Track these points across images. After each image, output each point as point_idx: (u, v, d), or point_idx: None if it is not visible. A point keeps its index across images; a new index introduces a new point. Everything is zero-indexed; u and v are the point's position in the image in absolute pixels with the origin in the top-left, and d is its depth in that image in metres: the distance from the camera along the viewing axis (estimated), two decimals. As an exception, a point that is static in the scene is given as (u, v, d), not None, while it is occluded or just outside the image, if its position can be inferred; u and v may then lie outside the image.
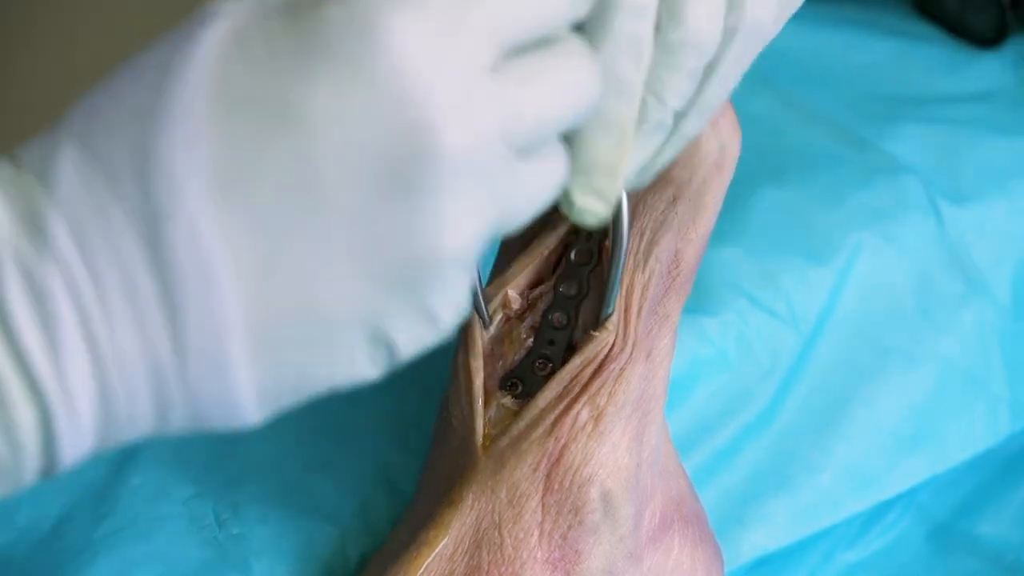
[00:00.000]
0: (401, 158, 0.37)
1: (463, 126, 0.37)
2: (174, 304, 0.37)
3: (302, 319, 0.38)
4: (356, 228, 0.37)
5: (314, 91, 0.36)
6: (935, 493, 0.75)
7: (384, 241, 0.38)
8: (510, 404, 0.58)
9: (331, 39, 0.37)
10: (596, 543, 0.56)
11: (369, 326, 0.39)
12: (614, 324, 0.56)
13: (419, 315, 0.39)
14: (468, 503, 0.56)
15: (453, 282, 0.39)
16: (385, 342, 0.39)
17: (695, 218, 0.58)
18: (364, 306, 0.38)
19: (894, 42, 0.88)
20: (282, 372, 0.39)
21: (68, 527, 0.64)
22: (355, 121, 0.37)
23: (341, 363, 0.39)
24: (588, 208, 0.46)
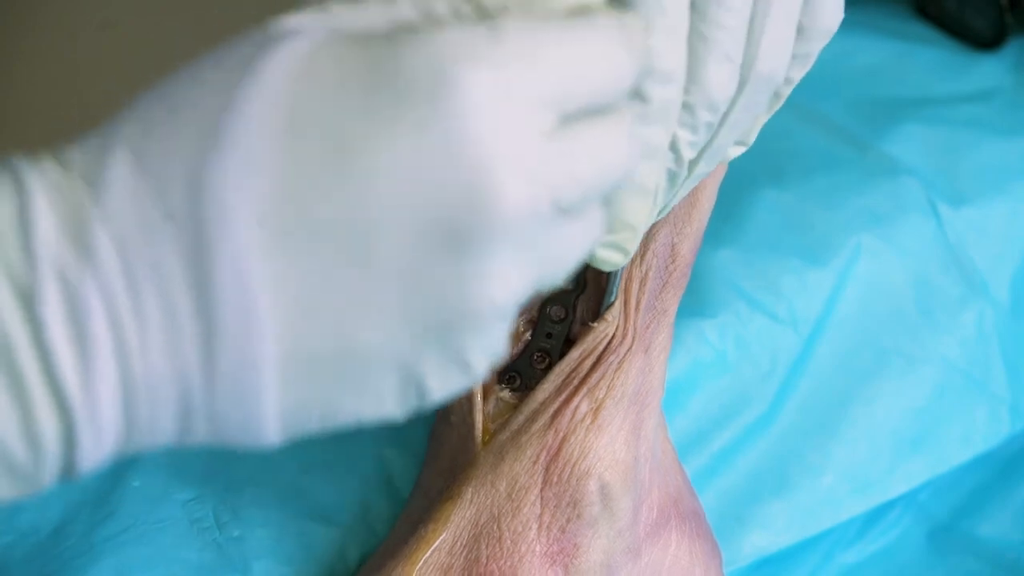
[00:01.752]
0: (458, 215, 0.37)
1: (521, 189, 0.37)
2: (210, 332, 0.37)
3: (337, 359, 0.38)
4: (403, 278, 0.37)
5: (381, 138, 0.36)
6: (935, 493, 0.75)
7: (430, 293, 0.38)
8: (508, 397, 0.58)
9: (405, 85, 0.36)
10: (595, 536, 0.57)
11: (403, 371, 0.39)
12: (614, 315, 0.57)
13: (455, 364, 0.39)
14: (467, 497, 0.57)
15: (492, 335, 0.39)
16: (417, 386, 0.39)
17: (690, 213, 0.58)
18: (401, 353, 0.38)
19: (893, 44, 0.88)
20: (309, 406, 0.39)
21: (69, 530, 0.64)
22: (418, 173, 0.36)
23: (370, 403, 0.39)
24: (608, 259, 0.48)
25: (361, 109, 0.36)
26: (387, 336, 0.38)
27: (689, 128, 0.48)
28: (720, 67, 0.47)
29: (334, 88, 0.37)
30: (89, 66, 0.49)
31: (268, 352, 0.37)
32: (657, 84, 0.45)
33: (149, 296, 0.37)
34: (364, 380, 0.39)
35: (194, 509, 0.65)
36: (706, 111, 0.47)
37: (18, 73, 0.84)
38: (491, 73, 0.36)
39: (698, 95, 0.47)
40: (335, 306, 0.37)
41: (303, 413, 0.39)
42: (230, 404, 0.38)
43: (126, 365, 0.37)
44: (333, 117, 0.36)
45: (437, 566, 0.56)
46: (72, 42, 0.85)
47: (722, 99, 0.48)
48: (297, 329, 0.37)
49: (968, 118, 0.83)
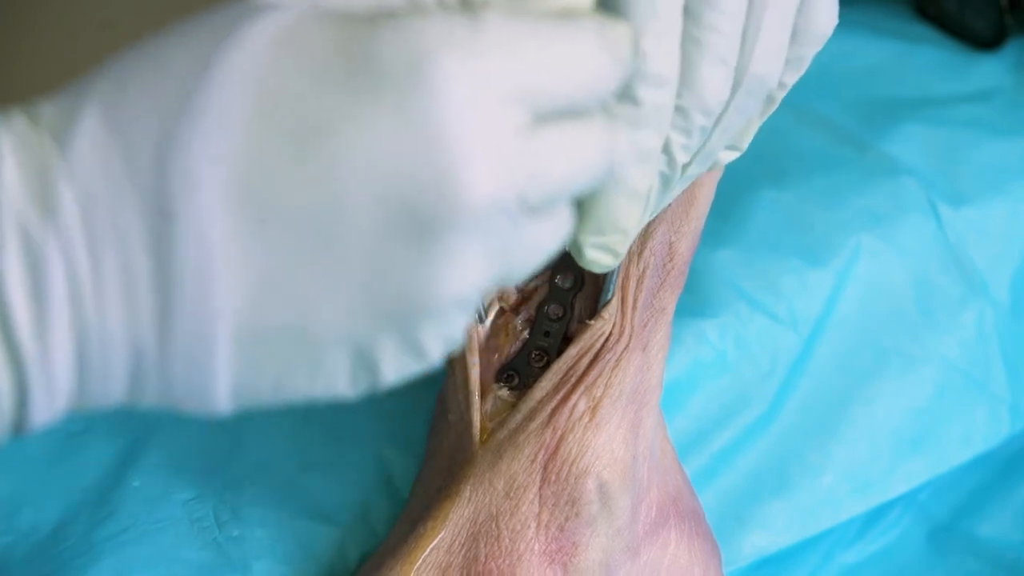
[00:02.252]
0: (425, 202, 0.37)
1: (489, 181, 0.37)
2: (168, 297, 0.37)
3: (292, 337, 0.38)
4: (364, 262, 0.37)
5: (354, 119, 0.36)
6: (935, 493, 0.75)
7: (389, 278, 0.38)
8: (507, 396, 0.58)
9: (381, 69, 0.36)
10: (593, 535, 0.57)
11: (356, 352, 0.39)
12: (611, 313, 0.57)
13: (409, 349, 0.39)
14: (466, 496, 0.57)
15: (450, 323, 0.39)
16: (370, 368, 0.39)
17: (688, 211, 0.58)
18: (357, 336, 0.38)
19: (893, 44, 0.88)
20: (261, 380, 0.39)
21: (69, 529, 0.64)
22: (388, 157, 0.36)
23: (322, 382, 0.39)
24: (598, 261, 0.48)
25: (336, 89, 0.36)
26: (345, 318, 0.38)
27: (683, 132, 0.48)
28: (714, 71, 0.47)
29: (311, 65, 0.37)
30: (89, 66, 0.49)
31: (224, 323, 0.37)
32: (649, 88, 0.45)
33: (109, 257, 0.37)
34: (318, 359, 0.39)
35: (194, 509, 0.65)
36: (700, 115, 0.47)
37: (18, 73, 0.84)
38: (468, 62, 0.36)
39: (691, 99, 0.47)
40: (295, 284, 0.37)
41: (254, 385, 0.39)
42: (182, 370, 0.38)
43: (81, 321, 0.37)
44: (308, 95, 0.36)
45: (436, 565, 0.56)
46: (72, 42, 0.85)
47: (716, 103, 0.48)
48: (255, 304, 0.37)
49: (968, 118, 0.83)
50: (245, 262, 0.37)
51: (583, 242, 0.47)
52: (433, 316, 0.38)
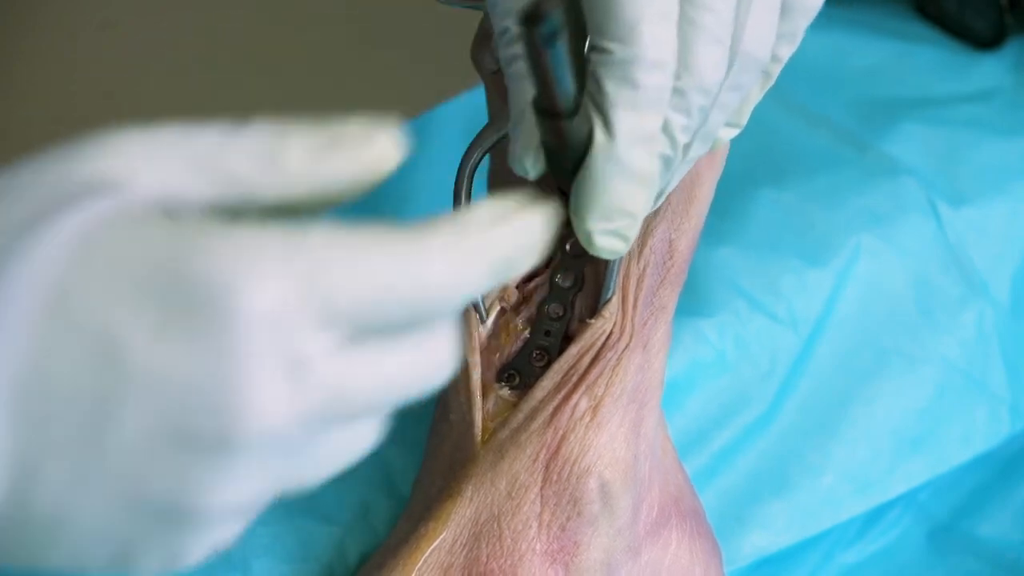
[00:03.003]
0: (198, 426, 0.36)
1: (268, 413, 0.36)
2: None
3: (47, 524, 0.38)
4: (134, 470, 0.37)
5: (141, 337, 0.36)
6: (935, 493, 0.75)
7: (153, 492, 0.37)
8: (508, 396, 0.58)
9: (179, 290, 0.36)
10: (595, 535, 0.57)
11: (116, 549, 0.38)
12: (611, 311, 0.57)
13: (168, 553, 0.39)
14: (467, 495, 0.57)
15: (220, 531, 0.39)
16: (126, 563, 0.39)
17: (687, 208, 0.58)
18: (114, 535, 0.38)
19: (893, 44, 0.88)
20: (17, 553, 0.39)
21: (68, 529, 0.64)
22: (169, 379, 0.36)
23: (76, 565, 0.39)
24: (608, 247, 0.48)
25: (130, 306, 0.36)
26: (103, 516, 0.38)
27: (682, 112, 0.48)
28: (711, 50, 0.47)
29: (107, 275, 0.36)
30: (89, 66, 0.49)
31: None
32: (648, 71, 0.45)
33: None
34: (74, 551, 0.38)
35: (193, 507, 0.65)
36: (698, 95, 0.47)
37: (18, 73, 0.84)
38: (269, 293, 0.35)
39: (689, 80, 0.47)
40: (57, 480, 0.37)
41: (11, 555, 0.39)
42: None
43: None
44: (99, 309, 0.36)
45: (437, 564, 0.56)
46: (72, 42, 0.85)
47: (713, 82, 0.47)
48: (16, 491, 0.37)
49: (968, 118, 0.83)
50: (13, 451, 0.36)
51: (592, 230, 0.47)
52: (196, 527, 0.38)
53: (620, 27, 0.44)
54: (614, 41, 0.45)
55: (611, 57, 0.45)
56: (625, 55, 0.44)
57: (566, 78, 0.42)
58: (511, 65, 0.48)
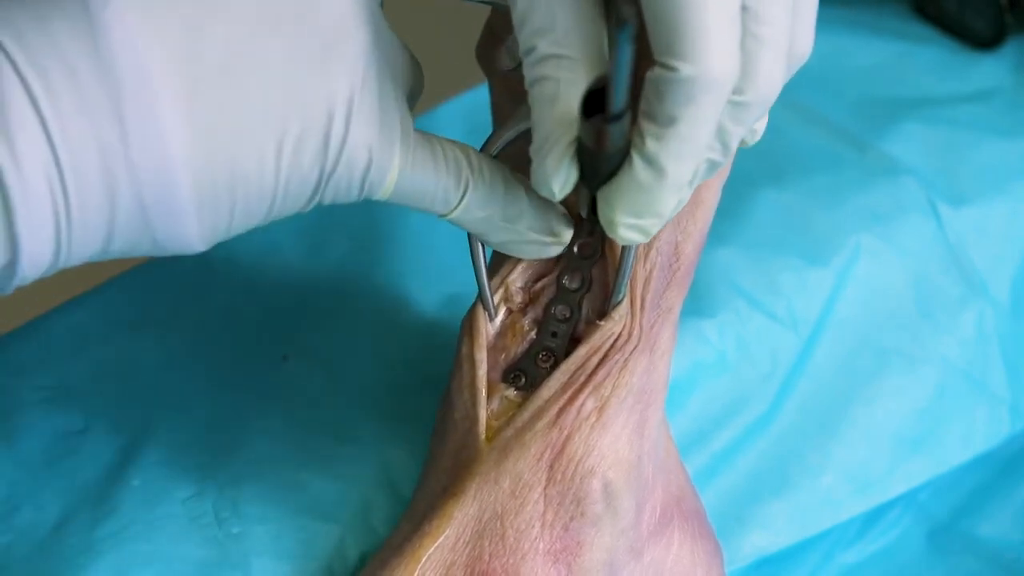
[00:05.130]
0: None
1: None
2: (117, 96, 0.40)
3: (232, 107, 0.42)
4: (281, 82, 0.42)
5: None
6: (935, 493, 0.75)
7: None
8: (513, 396, 0.58)
9: None
10: (597, 535, 0.57)
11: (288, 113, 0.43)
12: (621, 313, 0.57)
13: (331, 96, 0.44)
14: (471, 494, 0.57)
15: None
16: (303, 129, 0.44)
17: (693, 212, 0.58)
18: (282, 90, 0.43)
19: (893, 44, 0.89)
20: (215, 162, 0.42)
21: (68, 528, 0.64)
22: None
23: (264, 161, 0.43)
24: (629, 238, 0.48)
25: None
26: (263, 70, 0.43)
27: (741, 124, 0.48)
28: (775, 65, 0.47)
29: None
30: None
31: (168, 106, 0.41)
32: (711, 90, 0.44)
33: (57, 75, 0.40)
34: (261, 128, 0.43)
35: (194, 506, 0.65)
36: (759, 108, 0.47)
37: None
38: None
39: (754, 94, 0.47)
40: (218, 54, 0.42)
41: (211, 171, 0.42)
42: (146, 163, 0.41)
43: (48, 136, 0.40)
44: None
45: (440, 563, 0.56)
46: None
47: (775, 93, 0.47)
48: (189, 83, 0.41)
49: (968, 118, 0.83)
50: (168, 47, 0.41)
51: (618, 221, 0.48)
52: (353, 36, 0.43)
53: (688, 47, 0.44)
54: (680, 59, 0.44)
55: (676, 75, 0.44)
56: (690, 73, 0.44)
57: (625, 82, 0.43)
58: (537, 86, 0.47)
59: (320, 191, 0.46)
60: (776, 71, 0.47)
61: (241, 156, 0.43)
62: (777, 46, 0.46)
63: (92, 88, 0.40)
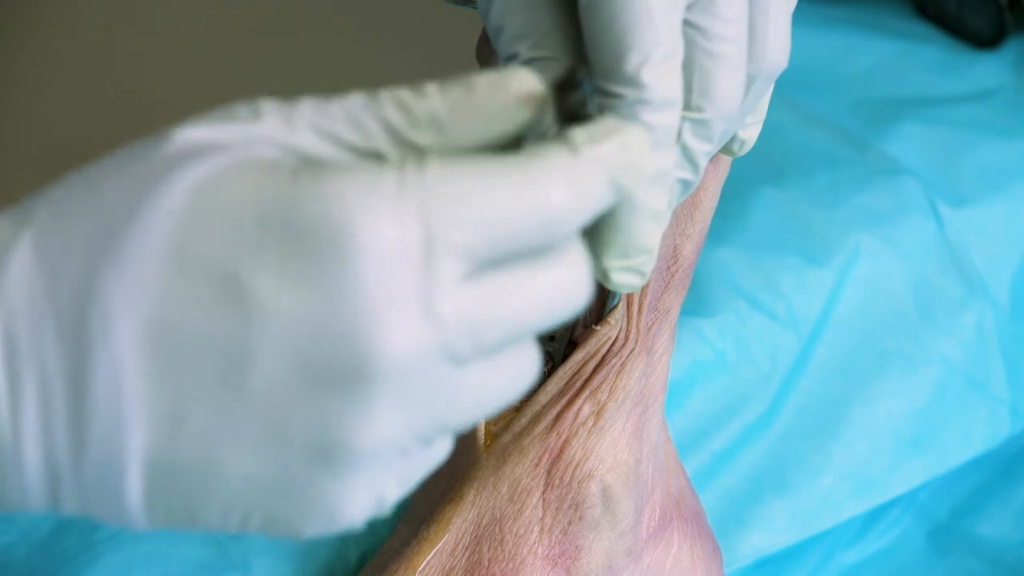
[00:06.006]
0: (332, 361, 0.37)
1: (399, 345, 0.36)
2: (82, 427, 0.38)
3: (199, 474, 0.38)
4: (272, 412, 0.37)
5: (265, 276, 0.37)
6: (935, 493, 0.75)
7: (297, 430, 0.38)
8: (511, 400, 0.58)
9: (298, 229, 0.36)
10: (596, 539, 0.57)
11: (269, 504, 0.39)
12: (616, 318, 0.57)
13: (326, 505, 0.39)
14: (469, 499, 0.57)
15: (365, 482, 0.39)
16: (285, 519, 0.39)
17: (692, 214, 0.58)
18: (265, 482, 0.39)
19: (893, 43, 0.88)
20: (173, 509, 0.39)
21: (69, 528, 0.64)
22: (297, 316, 0.37)
23: (232, 521, 0.40)
24: (626, 283, 0.48)
25: (249, 250, 0.37)
26: (250, 467, 0.38)
27: (706, 140, 0.48)
28: (730, 79, 0.47)
29: (226, 222, 0.37)
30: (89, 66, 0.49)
31: (134, 454, 0.38)
32: (658, 112, 0.45)
33: (29, 386, 0.38)
34: (225, 503, 0.39)
35: (194, 507, 0.65)
36: (721, 122, 0.48)
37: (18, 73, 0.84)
38: (388, 223, 0.36)
39: (713, 110, 0.47)
40: (202, 428, 0.38)
41: (168, 513, 0.39)
42: (96, 493, 0.39)
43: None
44: (221, 253, 0.37)
45: (439, 568, 0.56)
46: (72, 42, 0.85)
47: (735, 107, 0.48)
48: (162, 442, 0.38)
49: (968, 118, 0.83)
50: (154, 402, 0.37)
51: (609, 267, 0.47)
52: (351, 469, 0.38)
53: (627, 72, 0.45)
54: (622, 85, 0.45)
55: (621, 101, 0.45)
56: (634, 98, 0.44)
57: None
58: None
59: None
60: (733, 86, 0.47)
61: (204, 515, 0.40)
62: (732, 61, 0.47)
63: (60, 421, 0.38)
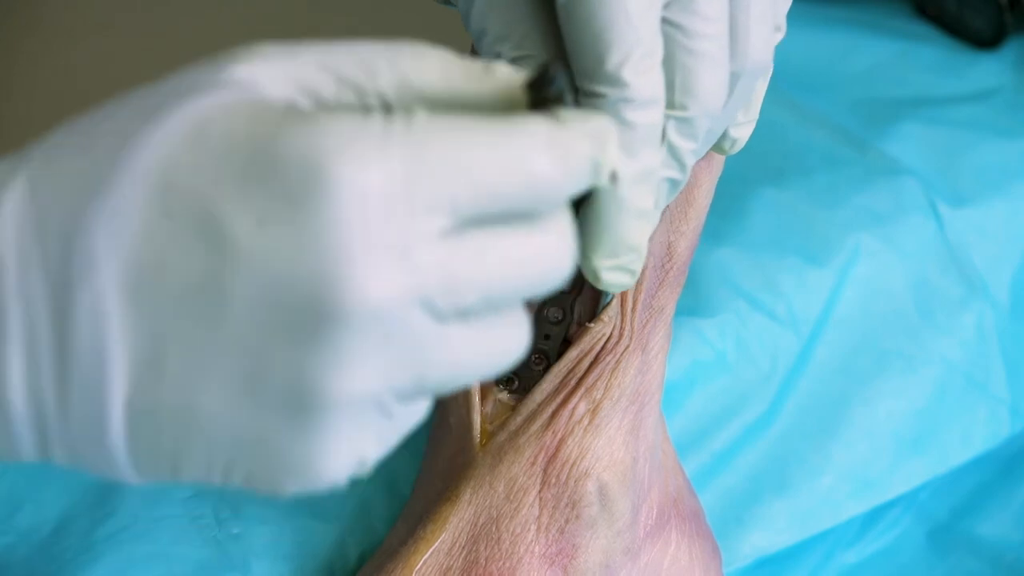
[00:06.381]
0: (304, 304, 0.37)
1: (376, 287, 0.36)
2: (65, 365, 0.38)
3: (179, 416, 0.38)
4: (247, 355, 0.37)
5: (244, 216, 0.37)
6: (935, 493, 0.75)
7: (273, 375, 0.37)
8: (506, 399, 0.58)
9: (277, 170, 0.37)
10: (593, 537, 0.57)
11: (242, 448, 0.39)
12: (610, 316, 0.57)
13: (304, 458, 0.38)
14: (465, 498, 0.57)
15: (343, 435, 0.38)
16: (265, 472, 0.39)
17: (686, 211, 0.58)
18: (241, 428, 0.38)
19: (893, 43, 0.88)
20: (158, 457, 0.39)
21: (69, 529, 0.64)
22: (272, 257, 0.36)
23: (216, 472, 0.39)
24: (616, 282, 0.48)
25: (231, 186, 0.37)
26: (228, 409, 0.38)
27: (690, 138, 0.48)
28: (712, 76, 0.47)
29: (213, 159, 0.37)
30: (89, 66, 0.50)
31: (115, 397, 0.38)
32: (639, 110, 0.45)
33: (14, 323, 0.38)
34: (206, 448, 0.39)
35: (194, 506, 0.65)
36: (705, 120, 0.48)
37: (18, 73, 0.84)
38: (370, 167, 0.36)
39: (696, 107, 0.47)
40: (181, 370, 0.38)
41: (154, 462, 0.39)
42: (82, 437, 0.39)
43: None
44: (205, 189, 0.37)
45: (436, 567, 0.56)
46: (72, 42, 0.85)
47: (719, 104, 0.48)
48: (143, 383, 0.38)
49: (968, 118, 0.83)
50: (135, 342, 0.38)
51: (599, 267, 0.48)
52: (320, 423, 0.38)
53: (608, 71, 0.45)
54: (604, 84, 0.45)
55: (604, 100, 0.45)
56: (617, 96, 0.45)
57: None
58: None
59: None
60: (716, 83, 0.47)
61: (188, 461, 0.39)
62: (713, 59, 0.47)
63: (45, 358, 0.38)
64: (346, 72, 0.39)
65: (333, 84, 0.39)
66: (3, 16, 0.84)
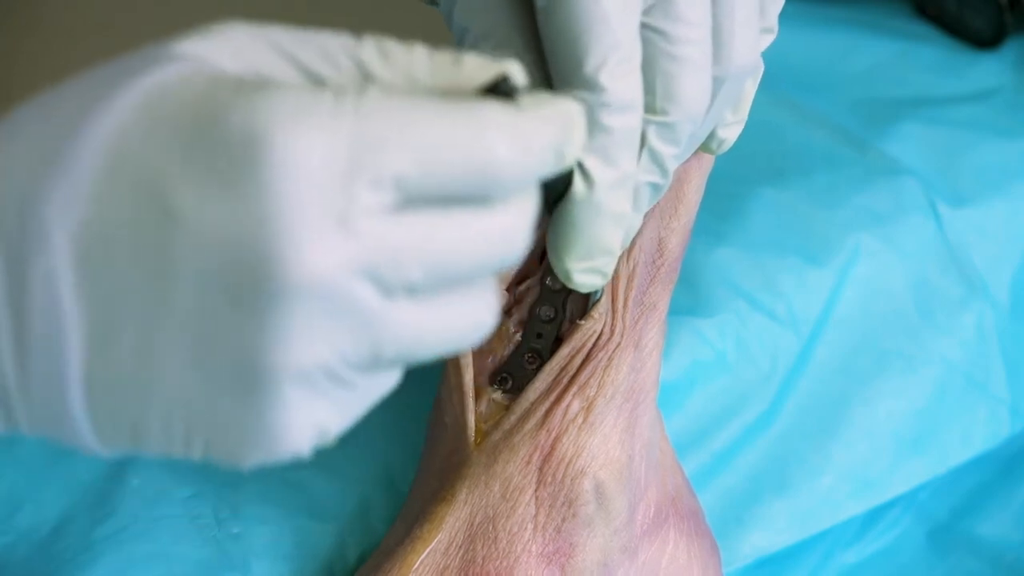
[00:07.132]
0: (245, 274, 0.37)
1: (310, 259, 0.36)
2: (24, 337, 0.38)
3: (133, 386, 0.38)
4: (195, 326, 0.37)
5: (190, 187, 0.37)
6: (935, 493, 0.75)
7: (220, 346, 0.38)
8: (501, 399, 0.58)
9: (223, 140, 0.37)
10: (590, 536, 0.57)
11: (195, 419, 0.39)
12: (600, 312, 0.57)
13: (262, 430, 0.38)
14: (461, 498, 0.57)
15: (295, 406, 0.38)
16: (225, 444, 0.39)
17: (676, 207, 0.58)
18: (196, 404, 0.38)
19: (893, 43, 0.88)
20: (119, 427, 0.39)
21: (68, 529, 0.64)
22: (217, 229, 0.36)
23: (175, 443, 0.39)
24: (586, 283, 0.49)
25: (179, 155, 0.37)
26: (179, 379, 0.38)
27: (672, 143, 0.48)
28: (695, 80, 0.47)
29: (164, 129, 0.37)
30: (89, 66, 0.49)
31: (73, 364, 0.38)
32: (617, 115, 0.45)
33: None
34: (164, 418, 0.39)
35: (193, 506, 0.65)
36: (687, 124, 0.48)
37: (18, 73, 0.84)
38: (314, 139, 0.36)
39: (678, 113, 0.47)
40: (133, 334, 0.38)
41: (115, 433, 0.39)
42: (44, 407, 0.39)
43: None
44: (153, 158, 0.37)
45: (433, 567, 0.56)
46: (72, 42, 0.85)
47: (701, 109, 0.48)
48: (99, 353, 0.38)
49: (968, 118, 0.83)
50: (88, 313, 0.38)
51: (571, 269, 0.48)
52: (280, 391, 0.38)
53: (586, 75, 0.45)
54: (581, 88, 0.45)
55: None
56: (593, 101, 0.45)
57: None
58: None
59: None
60: (698, 88, 0.47)
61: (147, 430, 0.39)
62: (695, 64, 0.47)
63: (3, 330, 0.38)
64: (304, 59, 0.39)
65: (292, 69, 0.39)
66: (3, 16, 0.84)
